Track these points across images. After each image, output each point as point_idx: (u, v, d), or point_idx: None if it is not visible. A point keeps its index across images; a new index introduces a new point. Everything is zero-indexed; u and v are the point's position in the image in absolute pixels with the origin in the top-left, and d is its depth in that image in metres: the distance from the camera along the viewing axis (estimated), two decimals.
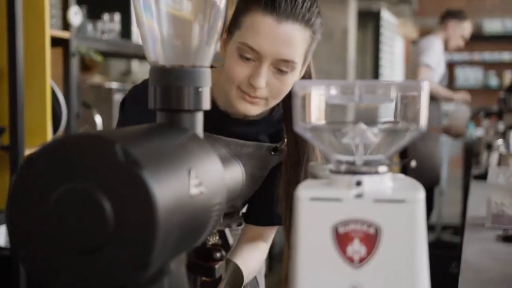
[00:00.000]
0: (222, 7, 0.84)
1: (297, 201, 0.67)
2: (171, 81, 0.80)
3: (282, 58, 1.21)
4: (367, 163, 0.71)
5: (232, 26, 1.27)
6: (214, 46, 0.84)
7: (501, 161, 2.94)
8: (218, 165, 0.77)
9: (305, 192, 0.68)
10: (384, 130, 0.71)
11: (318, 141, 0.73)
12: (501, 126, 4.17)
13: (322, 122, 0.73)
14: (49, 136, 2.48)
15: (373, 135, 0.70)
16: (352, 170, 0.70)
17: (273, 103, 1.27)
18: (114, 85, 3.18)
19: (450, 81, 10.18)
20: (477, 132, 8.67)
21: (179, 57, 0.82)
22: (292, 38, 1.20)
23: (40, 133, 2.48)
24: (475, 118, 9.85)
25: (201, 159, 0.73)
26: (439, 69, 4.53)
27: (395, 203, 0.65)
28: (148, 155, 0.62)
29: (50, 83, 2.51)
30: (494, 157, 3.00)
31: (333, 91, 0.71)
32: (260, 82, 1.21)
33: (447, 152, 6.14)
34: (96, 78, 3.74)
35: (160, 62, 0.82)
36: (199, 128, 0.82)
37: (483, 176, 2.90)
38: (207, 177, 0.72)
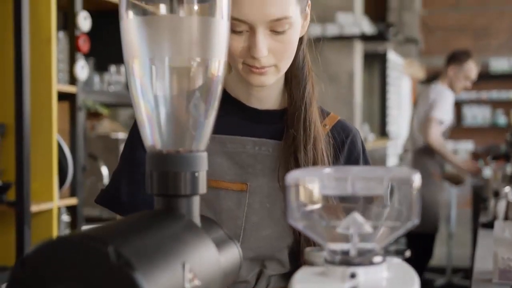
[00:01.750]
0: (218, 91, 0.85)
1: None
2: (168, 167, 0.81)
3: (273, 19, 1.11)
4: (361, 253, 0.71)
5: None
6: (210, 129, 0.85)
7: (509, 208, 2.93)
8: (214, 252, 0.77)
9: (300, 285, 0.68)
10: (378, 220, 0.72)
11: (311, 231, 0.73)
12: (509, 169, 4.15)
13: (315, 212, 0.74)
14: (55, 191, 2.49)
15: (368, 225, 0.70)
16: (346, 261, 0.70)
17: (285, 66, 1.18)
18: (120, 135, 3.20)
19: (458, 120, 10.20)
20: (485, 172, 8.64)
21: (176, 142, 0.83)
22: None
23: (46, 188, 2.49)
24: (483, 156, 9.85)
25: (196, 248, 0.73)
26: (448, 120, 4.55)
27: None
28: (141, 254, 0.63)
29: (57, 137, 2.53)
30: (502, 205, 2.98)
31: (326, 182, 0.72)
32: (260, 52, 1.12)
33: (455, 193, 6.11)
34: (105, 123, 3.77)
35: (157, 147, 0.83)
36: (196, 212, 0.82)
37: (490, 225, 2.88)
38: (202, 268, 0.72)
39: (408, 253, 0.75)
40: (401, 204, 0.71)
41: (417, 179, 0.70)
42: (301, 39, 1.24)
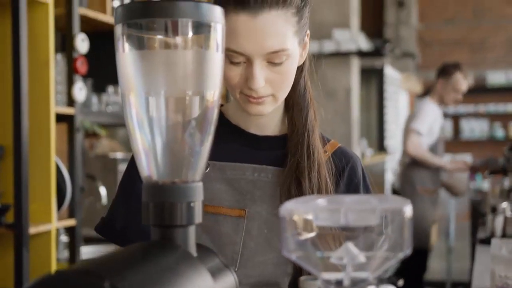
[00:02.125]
0: (214, 121, 0.86)
1: None
2: (164, 198, 0.82)
3: (270, 51, 1.12)
4: (355, 283, 0.72)
5: None
6: (206, 159, 0.86)
7: (507, 224, 2.93)
8: (209, 282, 0.78)
9: None
10: (372, 250, 0.73)
11: (306, 261, 0.74)
12: (506, 183, 4.15)
13: (309, 242, 0.75)
14: (54, 213, 2.50)
15: (361, 255, 0.72)
16: None
17: (282, 95, 1.19)
18: (119, 155, 3.21)
19: (455, 133, 10.22)
20: (484, 184, 8.65)
21: (172, 173, 0.84)
22: (273, 27, 1.11)
23: (44, 210, 2.50)
24: (481, 170, 9.86)
25: (191, 279, 0.74)
26: (433, 134, 4.52)
27: None
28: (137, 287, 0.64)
29: (55, 159, 2.54)
30: (499, 221, 2.98)
31: (320, 213, 0.73)
32: (257, 83, 1.13)
33: (454, 207, 6.12)
34: (104, 142, 3.78)
35: (153, 177, 0.84)
36: (192, 242, 0.83)
37: (488, 240, 2.88)
38: None
39: (401, 282, 0.76)
40: (394, 234, 0.72)
41: (408, 210, 0.71)
42: (301, 67, 1.25)
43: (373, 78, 7.33)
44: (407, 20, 9.67)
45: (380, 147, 7.41)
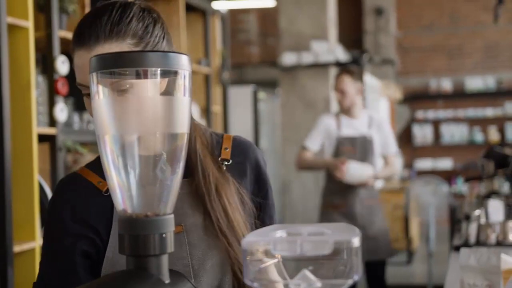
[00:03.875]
0: (182, 158, 0.93)
1: None
2: (138, 230, 0.89)
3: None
4: None
5: None
6: (176, 192, 0.94)
7: (480, 231, 3.01)
8: None
9: None
10: (326, 277, 0.80)
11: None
12: (482, 189, 4.24)
13: (269, 270, 0.82)
14: (37, 230, 2.56)
15: (317, 281, 0.79)
16: None
17: None
18: None
19: (436, 138, 10.36)
20: (463, 188, 8.79)
21: (145, 206, 0.91)
22: None
23: (28, 228, 2.55)
24: (462, 173, 10.01)
25: None
26: (330, 145, 4.21)
27: None
28: None
29: (38, 178, 2.60)
30: (473, 228, 3.04)
31: (278, 245, 0.81)
32: None
33: (433, 211, 6.22)
34: (87, 157, 3.82)
35: (128, 211, 0.92)
36: (165, 269, 0.91)
37: (462, 247, 2.96)
38: None
39: None
40: (345, 262, 0.80)
41: (356, 240, 0.79)
42: None
43: None
44: (386, 28, 9.82)
45: None
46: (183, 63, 0.90)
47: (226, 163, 1.31)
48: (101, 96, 0.89)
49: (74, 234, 1.24)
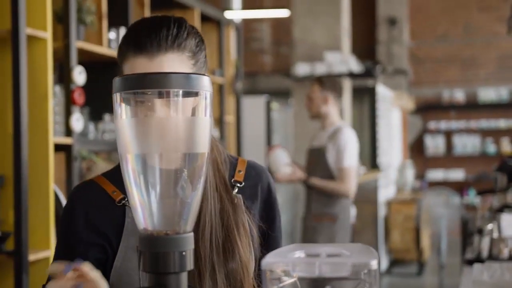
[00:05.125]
0: (202, 177, 0.95)
1: None
2: (158, 248, 0.91)
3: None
4: None
5: None
6: (196, 211, 0.95)
7: (493, 246, 2.99)
8: None
9: None
10: None
11: None
12: (495, 203, 4.21)
13: None
14: (52, 239, 2.58)
15: None
16: None
17: None
18: None
19: (448, 149, 10.33)
20: (476, 200, 8.74)
21: (165, 224, 0.93)
22: (168, 68, 1.20)
23: (43, 237, 2.58)
24: (474, 185, 9.97)
25: None
26: None
27: None
28: None
29: (53, 187, 2.63)
30: (486, 242, 3.03)
31: (297, 266, 0.82)
32: None
33: (445, 223, 6.20)
34: (101, 164, 3.86)
35: (149, 229, 0.93)
36: (184, 286, 0.92)
37: (475, 261, 2.95)
38: None
39: None
40: (363, 284, 0.81)
41: (374, 264, 0.80)
42: None
43: (365, 96, 7.43)
44: (399, 38, 9.81)
45: (373, 164, 7.50)
46: (205, 84, 0.92)
47: (238, 185, 1.33)
48: (123, 116, 0.91)
49: (86, 241, 1.26)
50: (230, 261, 1.25)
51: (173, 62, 1.21)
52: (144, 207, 0.93)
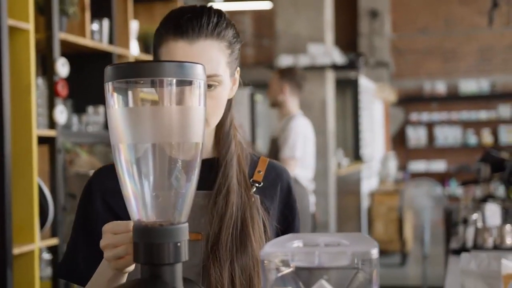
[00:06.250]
0: (196, 168, 0.93)
1: None
2: (153, 239, 0.89)
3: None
4: None
5: None
6: (191, 202, 0.94)
7: (478, 235, 3.01)
8: None
9: None
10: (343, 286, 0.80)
11: None
12: (478, 193, 4.24)
13: (287, 279, 0.82)
14: (37, 232, 2.55)
15: None
16: None
17: (213, 122, 1.27)
18: None
19: (430, 141, 10.39)
20: (458, 191, 8.81)
21: (160, 215, 0.92)
22: (207, 54, 1.22)
23: (27, 230, 2.55)
24: (455, 176, 10.05)
25: None
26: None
27: None
28: None
29: (37, 180, 2.59)
30: (470, 232, 3.04)
31: (296, 256, 0.81)
32: None
33: (428, 214, 6.24)
34: (83, 157, 3.82)
35: (143, 220, 0.92)
36: (179, 278, 0.91)
37: (460, 251, 2.97)
38: None
39: None
40: (363, 273, 0.80)
41: (375, 252, 0.79)
42: (229, 104, 1.34)
43: (348, 88, 7.44)
44: (381, 30, 9.82)
45: (356, 156, 7.52)
46: (198, 73, 0.90)
47: (257, 185, 1.32)
48: (116, 105, 0.89)
49: (102, 219, 1.24)
50: (242, 255, 1.25)
51: (212, 48, 1.23)
52: (138, 198, 0.91)
